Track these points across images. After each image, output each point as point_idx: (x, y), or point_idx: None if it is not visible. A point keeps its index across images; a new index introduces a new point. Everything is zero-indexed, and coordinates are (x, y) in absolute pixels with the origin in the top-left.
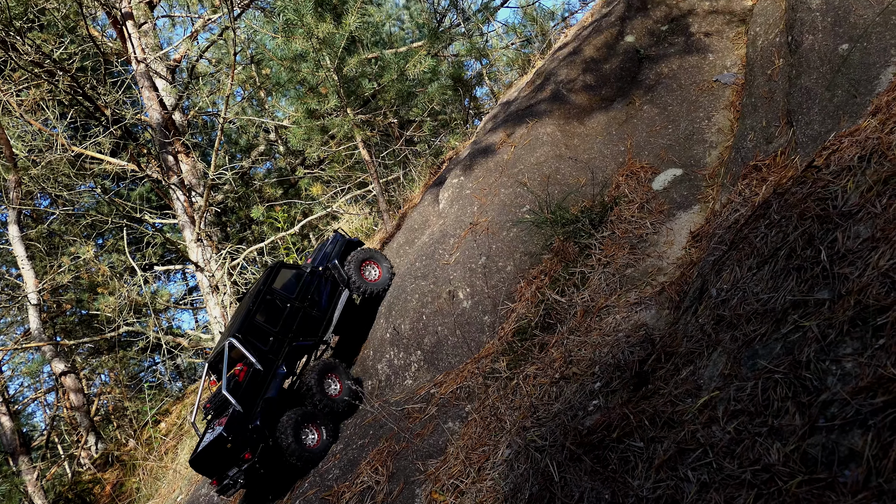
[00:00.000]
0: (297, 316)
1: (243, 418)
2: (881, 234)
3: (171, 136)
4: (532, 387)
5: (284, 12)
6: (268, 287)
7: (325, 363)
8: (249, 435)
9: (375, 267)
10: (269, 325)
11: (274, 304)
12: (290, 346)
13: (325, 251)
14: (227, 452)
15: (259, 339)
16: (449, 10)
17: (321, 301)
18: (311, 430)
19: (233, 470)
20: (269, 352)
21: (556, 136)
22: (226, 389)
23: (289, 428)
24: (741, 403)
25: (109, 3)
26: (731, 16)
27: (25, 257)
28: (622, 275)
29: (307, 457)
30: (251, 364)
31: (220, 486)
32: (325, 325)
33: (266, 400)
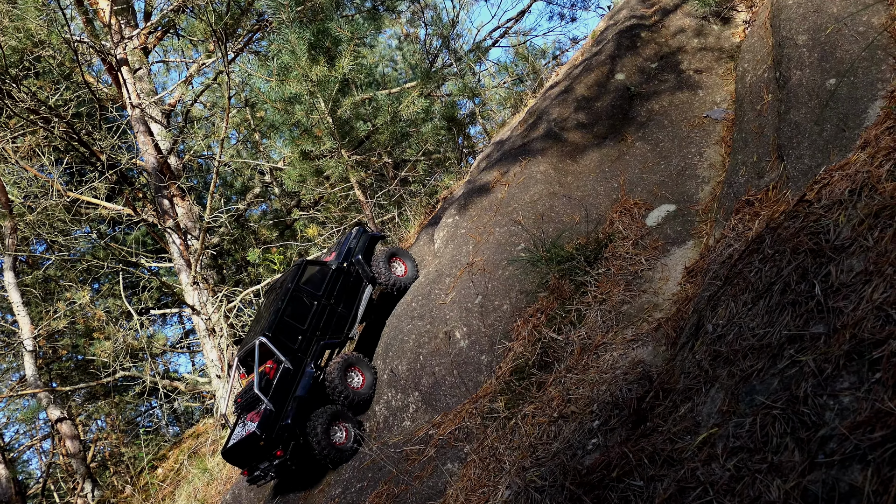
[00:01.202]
0: (324, 313)
1: (275, 417)
2: (874, 268)
3: (166, 179)
4: (531, 426)
5: (279, 56)
6: (296, 284)
7: (348, 357)
8: (281, 433)
9: (402, 263)
10: (298, 323)
11: (302, 301)
12: (317, 345)
13: (349, 246)
14: (259, 449)
15: (288, 337)
16: (441, 50)
17: (346, 298)
18: (339, 427)
19: (264, 464)
20: (299, 350)
21: (549, 174)
22: (258, 388)
23: (319, 426)
24: (740, 440)
25: (104, 50)
26: (720, 52)
27: (21, 303)
28: (618, 311)
29: (336, 454)
30: (281, 361)
31: (251, 476)
32: (351, 322)
33: (297, 398)
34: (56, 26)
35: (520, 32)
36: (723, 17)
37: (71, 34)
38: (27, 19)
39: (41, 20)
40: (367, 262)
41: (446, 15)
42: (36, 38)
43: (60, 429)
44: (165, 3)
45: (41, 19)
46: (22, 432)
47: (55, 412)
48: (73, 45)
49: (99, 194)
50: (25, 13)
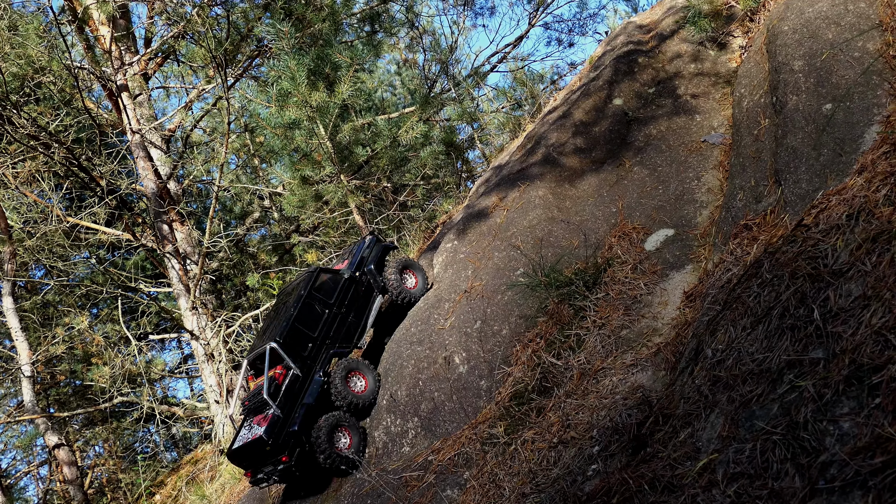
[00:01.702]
0: (335, 322)
1: (283, 423)
2: (872, 292)
3: (165, 205)
4: (530, 452)
5: (278, 82)
6: (309, 292)
7: (349, 362)
8: (288, 440)
9: (413, 275)
10: (309, 331)
11: (314, 308)
12: (327, 353)
13: (360, 255)
14: (265, 453)
15: (299, 344)
16: (440, 75)
17: (357, 307)
18: (343, 433)
19: (268, 467)
20: (308, 357)
21: (548, 198)
22: (266, 393)
23: (323, 433)
24: (740, 466)
25: (105, 76)
26: (716, 77)
27: (19, 329)
28: (617, 336)
29: (339, 460)
30: (290, 368)
31: (254, 478)
32: (360, 331)
33: (305, 405)
34: (57, 53)
35: (518, 57)
36: (719, 43)
37: (72, 60)
38: (28, 46)
39: (42, 47)
40: (379, 272)
41: (445, 41)
42: (37, 65)
43: (58, 455)
44: (166, 30)
45: (42, 46)
46: (19, 458)
47: (52, 438)
48: (73, 72)
49: (98, 219)
50: (27, 40)
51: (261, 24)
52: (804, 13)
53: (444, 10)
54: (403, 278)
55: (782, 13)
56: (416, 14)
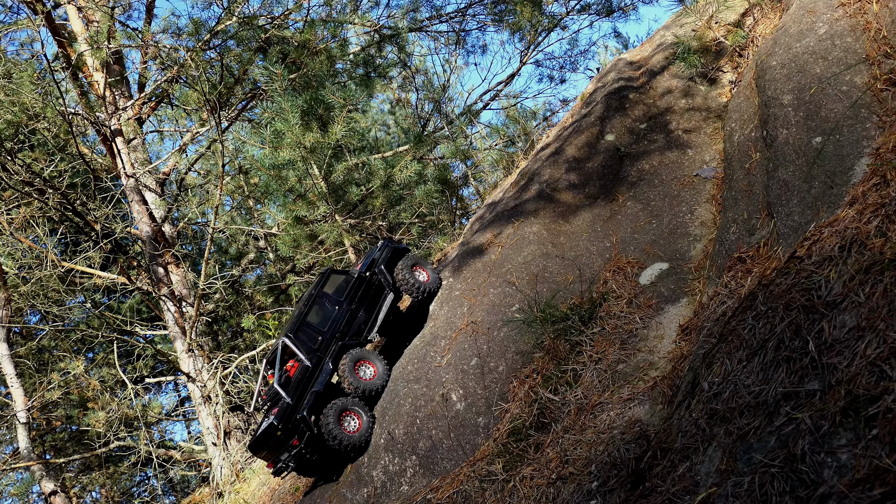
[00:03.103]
0: (344, 317)
1: (293, 409)
2: (866, 323)
3: (160, 247)
4: (529, 489)
5: (272, 123)
6: (319, 291)
7: (358, 352)
8: (297, 424)
9: (423, 271)
10: (319, 326)
11: (324, 306)
12: (336, 346)
13: (372, 257)
14: (277, 439)
15: (309, 338)
16: (433, 114)
17: (367, 303)
18: (352, 417)
19: (284, 454)
20: (318, 350)
21: (542, 234)
22: (277, 384)
23: (331, 416)
24: (739, 499)
25: (99, 122)
26: (707, 112)
27: (14, 375)
28: (614, 371)
29: (348, 442)
30: (301, 361)
31: (275, 469)
32: (370, 327)
33: (314, 393)
34: (51, 99)
35: (510, 95)
36: (709, 78)
37: (66, 106)
38: (22, 93)
39: (36, 94)
40: (390, 271)
41: (437, 79)
42: (31, 112)
43: (54, 502)
44: (159, 74)
45: (36, 93)
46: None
47: (49, 485)
48: (67, 118)
49: (93, 264)
50: (21, 87)
51: (255, 67)
52: (792, 48)
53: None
54: (414, 274)
55: (770, 48)
56: (408, 54)
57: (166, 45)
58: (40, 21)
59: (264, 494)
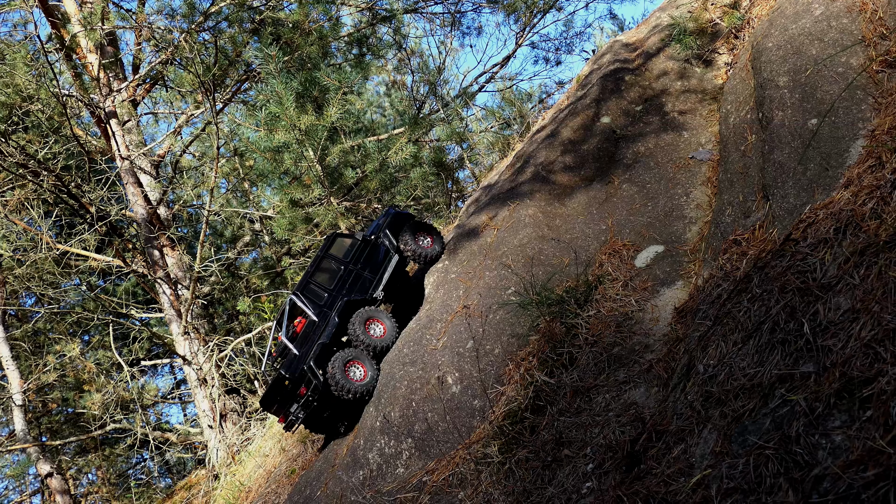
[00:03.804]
0: (349, 276)
1: (299, 360)
2: (861, 305)
3: (156, 230)
4: (524, 471)
5: (267, 106)
6: (325, 253)
7: (368, 311)
8: (304, 373)
9: (427, 237)
10: (325, 285)
11: (329, 266)
12: (342, 301)
13: (378, 223)
14: (285, 390)
15: (315, 295)
16: (428, 96)
17: (372, 265)
18: (357, 366)
19: (294, 406)
20: (325, 306)
21: (538, 217)
22: (285, 337)
23: (337, 365)
24: (734, 481)
25: (93, 103)
26: (703, 94)
27: (10, 357)
28: (610, 353)
29: (354, 390)
30: (308, 316)
31: (286, 422)
32: (375, 285)
33: (320, 345)
34: (45, 81)
35: (506, 77)
36: (705, 60)
37: (60, 88)
38: (16, 75)
39: (30, 75)
40: (395, 235)
41: (433, 62)
42: (25, 93)
43: (50, 484)
44: (154, 56)
45: (30, 74)
46: (11, 488)
47: (45, 467)
48: (61, 100)
49: (88, 246)
50: (14, 69)
51: (249, 49)
52: (788, 30)
53: (431, 31)
54: (417, 239)
55: (766, 30)
56: (403, 36)
57: (160, 26)
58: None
59: (260, 477)
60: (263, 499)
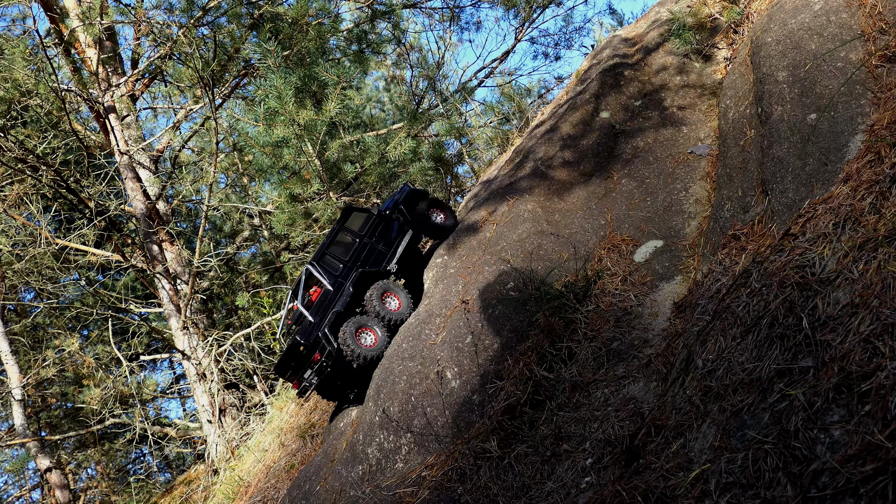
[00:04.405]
0: (364, 249)
1: (314, 327)
2: (860, 300)
3: (155, 225)
4: (524, 466)
5: (266, 101)
6: (340, 226)
7: (385, 284)
8: (318, 339)
9: (441, 213)
10: (340, 256)
11: (345, 239)
12: (357, 273)
13: (393, 199)
14: (300, 356)
15: (331, 266)
16: (427, 91)
17: (386, 239)
18: (367, 333)
19: (307, 372)
20: (340, 276)
21: (537, 212)
22: (301, 304)
23: (348, 331)
24: (733, 476)
25: (92, 98)
26: (702, 89)
27: (9, 352)
28: (609, 348)
29: (365, 355)
30: (323, 286)
31: (299, 388)
32: (389, 258)
33: (335, 313)
34: (43, 75)
35: (505, 72)
36: (704, 55)
37: (58, 83)
38: (15, 69)
39: (29, 70)
40: (409, 211)
41: (432, 56)
42: (23, 88)
43: (50, 478)
44: (152, 51)
45: (29, 69)
46: (11, 483)
47: (44, 462)
48: (60, 94)
49: (87, 241)
50: (13, 63)
51: (247, 44)
52: (787, 24)
53: (430, 26)
54: (432, 214)
55: (765, 25)
56: (402, 31)
57: (159, 21)
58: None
59: (259, 471)
60: (263, 493)
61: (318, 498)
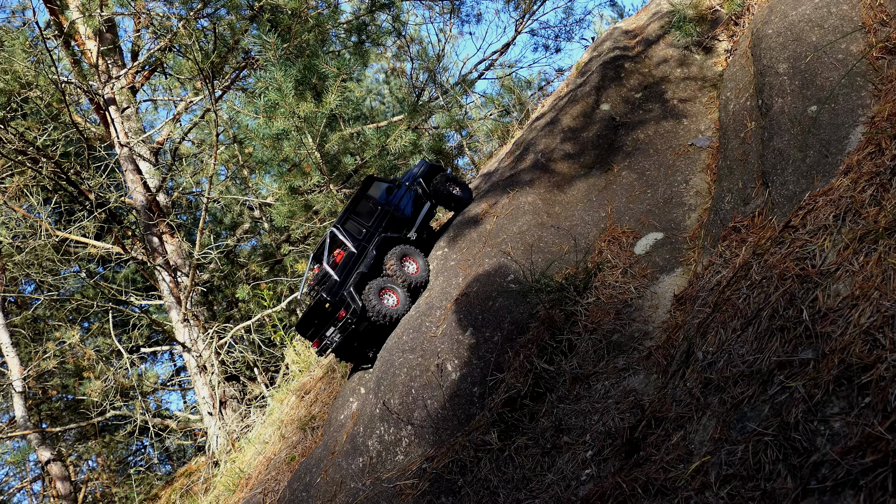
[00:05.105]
0: (385, 216)
1: (340, 286)
2: (860, 292)
3: (155, 217)
4: (524, 458)
5: (266, 93)
6: (363, 193)
7: (404, 248)
8: (343, 297)
9: (457, 187)
10: (364, 221)
11: (367, 205)
12: (379, 237)
13: (412, 172)
14: (325, 313)
15: (354, 230)
16: (427, 83)
17: (406, 208)
18: (389, 294)
19: (330, 330)
20: (363, 240)
21: (537, 204)
22: (327, 263)
23: (372, 291)
24: (733, 467)
25: (92, 90)
26: (703, 81)
27: (10, 344)
28: (609, 341)
29: (388, 314)
30: (347, 248)
31: (320, 347)
32: (409, 226)
33: (359, 273)
34: (43, 67)
35: (505, 64)
36: (705, 47)
37: (58, 75)
38: (14, 61)
39: (28, 62)
40: (428, 184)
41: (432, 49)
42: (23, 80)
43: (50, 470)
44: (152, 43)
45: (28, 61)
46: (12, 474)
47: (45, 453)
48: (60, 86)
49: (88, 233)
50: (13, 55)
51: (247, 36)
52: (788, 16)
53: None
54: (448, 186)
55: (766, 17)
56: (402, 23)
57: (159, 13)
58: None
59: (260, 464)
60: (263, 486)
61: (319, 490)
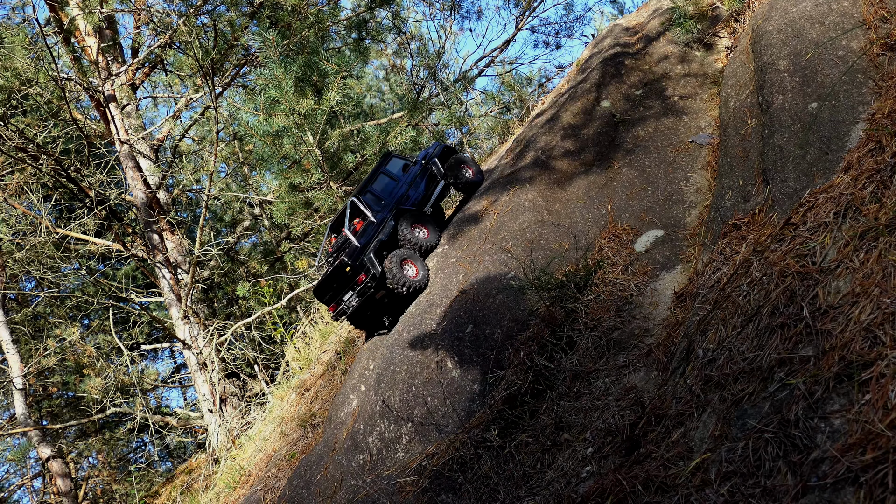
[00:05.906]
0: (402, 190)
1: (360, 251)
2: (861, 289)
3: (155, 214)
4: (524, 455)
5: (266, 90)
6: (382, 168)
7: (414, 214)
8: (364, 262)
9: (469, 169)
10: (382, 193)
11: (385, 180)
12: (396, 208)
13: (427, 151)
14: (344, 277)
15: (373, 201)
16: (428, 80)
17: (421, 185)
18: (410, 265)
19: (348, 294)
20: (381, 210)
21: (537, 201)
22: (348, 230)
23: (394, 261)
24: (733, 465)
25: (92, 87)
26: (703, 78)
27: (10, 341)
28: (609, 338)
29: (409, 284)
30: (366, 217)
31: (336, 311)
32: (424, 201)
33: (379, 241)
34: (43, 64)
35: (505, 61)
36: (705, 44)
37: (58, 72)
38: (14, 58)
39: (28, 59)
40: (442, 164)
41: (432, 46)
42: (23, 77)
43: (51, 467)
44: (153, 40)
45: (28, 58)
46: (12, 471)
47: (45, 450)
48: (60, 83)
49: (88, 230)
50: (13, 52)
51: (247, 33)
52: (788, 13)
53: (431, 15)
54: (462, 170)
55: (767, 13)
56: (403, 20)
57: (159, 9)
58: None
59: (260, 461)
60: (264, 482)
61: (319, 487)
